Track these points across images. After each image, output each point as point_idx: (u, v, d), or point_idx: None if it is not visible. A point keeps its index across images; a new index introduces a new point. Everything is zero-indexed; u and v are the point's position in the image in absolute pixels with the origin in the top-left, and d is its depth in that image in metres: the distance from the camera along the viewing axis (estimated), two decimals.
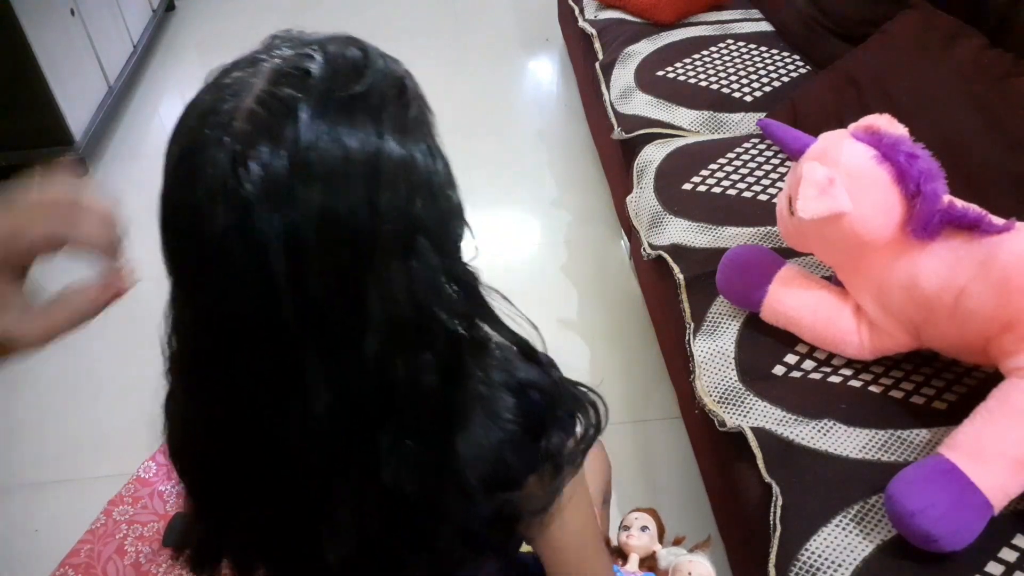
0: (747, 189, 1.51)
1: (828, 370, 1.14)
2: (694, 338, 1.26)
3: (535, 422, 0.58)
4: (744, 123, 1.73)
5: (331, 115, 0.45)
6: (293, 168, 0.44)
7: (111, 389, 1.78)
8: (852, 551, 0.93)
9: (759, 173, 1.54)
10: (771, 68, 1.86)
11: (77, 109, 2.33)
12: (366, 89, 0.48)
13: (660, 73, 1.87)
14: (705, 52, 1.91)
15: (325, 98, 0.46)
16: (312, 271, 0.45)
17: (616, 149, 1.84)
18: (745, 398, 1.14)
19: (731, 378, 1.18)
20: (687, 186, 1.54)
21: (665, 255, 1.42)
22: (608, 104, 1.87)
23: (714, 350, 1.22)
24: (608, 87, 1.91)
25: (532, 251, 2.12)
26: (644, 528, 1.26)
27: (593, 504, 0.69)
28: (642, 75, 1.88)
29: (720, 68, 1.86)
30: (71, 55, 2.35)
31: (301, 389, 0.48)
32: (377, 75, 0.49)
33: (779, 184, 1.50)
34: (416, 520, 0.55)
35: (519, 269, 2.03)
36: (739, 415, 1.12)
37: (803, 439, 1.05)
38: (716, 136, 1.70)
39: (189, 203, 0.46)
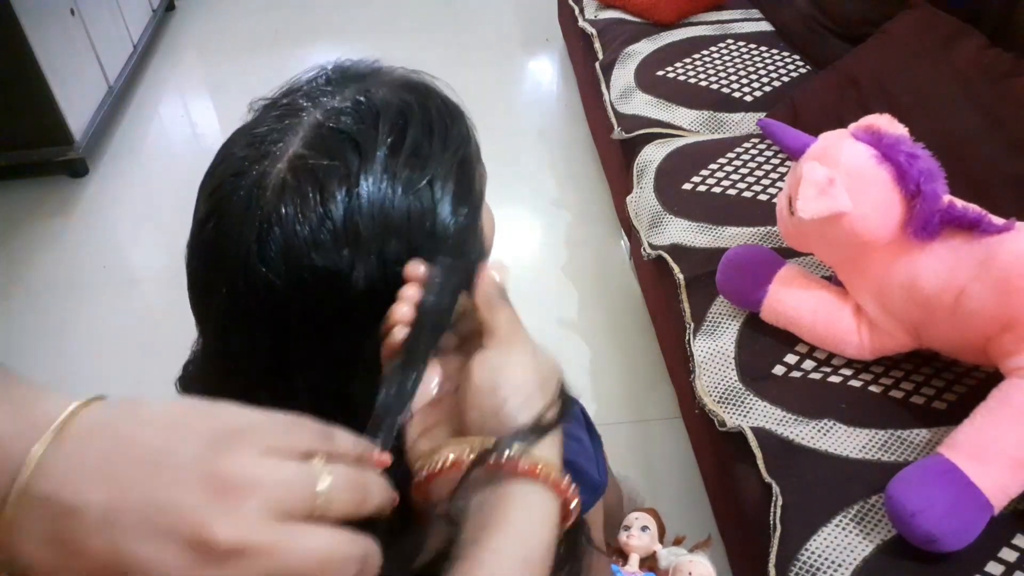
0: (747, 189, 1.51)
1: (828, 370, 1.14)
2: (694, 338, 1.26)
3: None
4: (744, 123, 1.73)
5: (374, 188, 0.45)
6: (312, 244, 0.44)
7: (111, 389, 1.77)
8: (852, 551, 0.93)
9: (759, 173, 1.54)
10: (771, 68, 1.86)
11: (77, 109, 2.33)
12: (417, 156, 0.47)
13: (660, 73, 1.87)
14: (705, 52, 1.91)
15: (364, 170, 0.45)
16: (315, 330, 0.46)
17: (616, 149, 1.84)
18: (745, 398, 1.14)
19: (731, 378, 1.18)
20: (687, 186, 1.54)
21: (665, 255, 1.42)
22: (608, 104, 1.87)
23: (714, 350, 1.22)
24: (608, 87, 1.91)
25: (532, 251, 2.12)
26: (644, 528, 1.26)
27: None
28: (642, 75, 1.88)
29: (720, 68, 1.86)
30: (71, 55, 2.35)
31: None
32: (433, 136, 0.49)
33: (779, 184, 1.50)
34: None
35: (519, 269, 2.03)
36: (739, 415, 1.12)
37: (803, 439, 1.05)
38: (716, 136, 1.70)
39: (213, 262, 0.46)
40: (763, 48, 1.92)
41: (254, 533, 0.28)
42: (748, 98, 1.78)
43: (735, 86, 1.81)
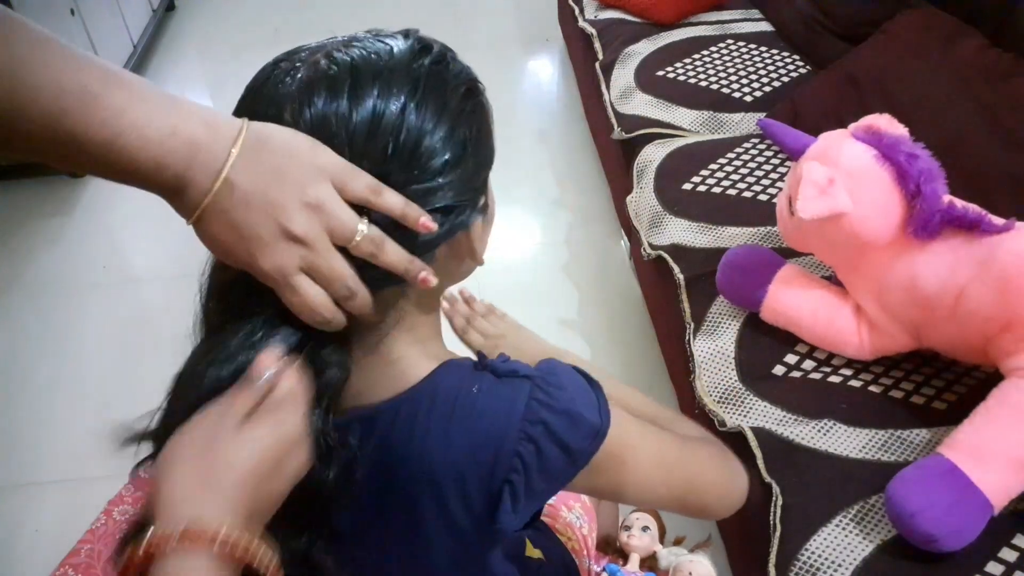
0: (747, 189, 1.51)
1: (828, 370, 1.14)
2: (694, 338, 1.26)
3: None
4: (744, 123, 1.73)
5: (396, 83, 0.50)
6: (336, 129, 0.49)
7: (111, 389, 1.78)
8: (852, 551, 0.93)
9: (759, 173, 1.54)
10: (771, 68, 1.86)
11: None
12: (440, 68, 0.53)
13: (660, 73, 1.87)
14: (705, 52, 1.91)
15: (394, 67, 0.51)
16: None
17: (616, 149, 1.84)
18: (745, 398, 1.14)
19: (731, 378, 1.18)
20: (687, 186, 1.54)
21: (665, 255, 1.42)
22: (608, 104, 1.87)
23: (714, 350, 1.22)
24: (608, 87, 1.91)
25: (532, 251, 2.12)
26: (645, 528, 1.25)
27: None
28: (642, 75, 1.88)
29: (720, 68, 1.86)
30: None
31: None
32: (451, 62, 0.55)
33: (779, 184, 1.50)
34: None
35: (519, 269, 2.03)
36: (739, 415, 1.12)
37: (803, 439, 1.05)
38: (716, 136, 1.70)
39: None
40: (763, 48, 1.92)
41: (312, 233, 0.46)
42: (748, 98, 1.78)
43: (735, 86, 1.81)
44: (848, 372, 1.13)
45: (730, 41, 1.95)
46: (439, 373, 0.57)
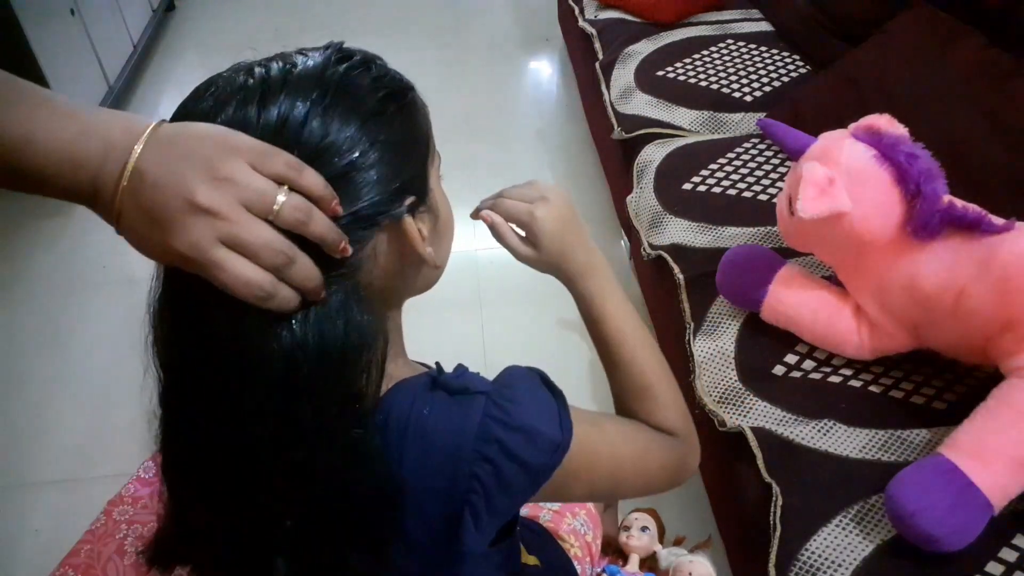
0: (747, 189, 1.51)
1: (828, 370, 1.14)
2: (694, 338, 1.26)
3: None
4: (744, 123, 1.73)
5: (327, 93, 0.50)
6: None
7: (111, 389, 1.78)
8: (852, 551, 0.93)
9: (759, 173, 1.54)
10: (771, 68, 1.86)
11: None
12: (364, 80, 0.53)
13: (660, 73, 1.87)
14: (705, 52, 1.91)
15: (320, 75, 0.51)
16: None
17: (616, 149, 1.84)
18: (745, 398, 1.14)
19: (731, 378, 1.18)
20: (687, 186, 1.54)
21: (665, 255, 1.42)
22: (608, 104, 1.87)
23: (714, 350, 1.22)
24: (608, 87, 1.91)
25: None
26: (644, 528, 1.26)
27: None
28: (642, 75, 1.88)
29: (720, 68, 1.86)
30: (71, 55, 2.35)
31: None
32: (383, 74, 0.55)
33: (779, 184, 1.50)
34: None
35: (519, 269, 2.02)
36: (739, 415, 1.12)
37: (803, 439, 1.05)
38: (716, 136, 1.70)
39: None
40: (763, 48, 1.92)
41: (224, 204, 0.45)
42: (748, 98, 1.78)
43: (735, 86, 1.81)
44: (848, 372, 1.13)
45: (730, 41, 1.95)
46: (390, 396, 0.55)
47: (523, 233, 0.72)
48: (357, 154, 0.50)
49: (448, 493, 0.53)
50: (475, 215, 0.73)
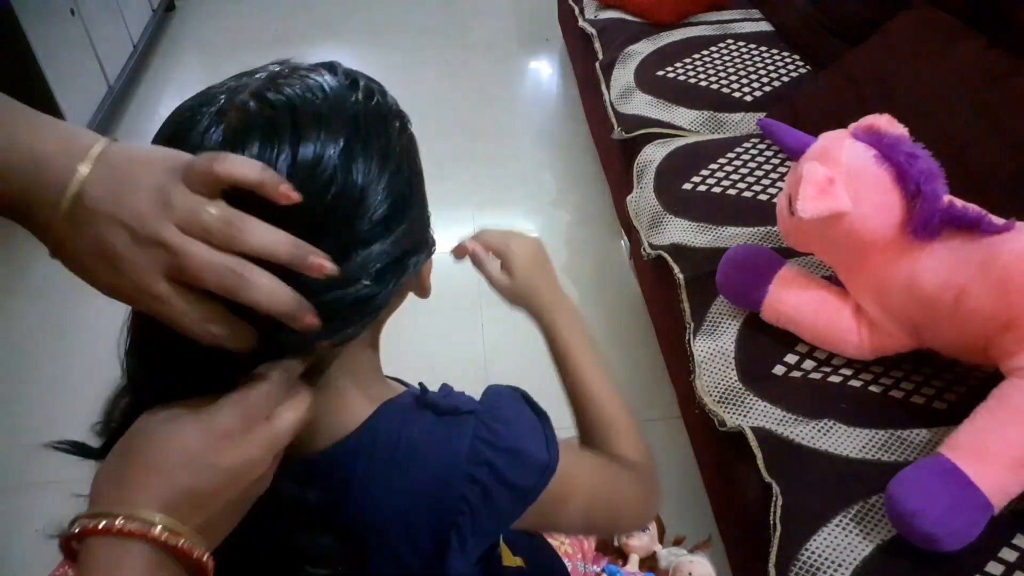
0: (747, 189, 1.51)
1: (828, 370, 1.14)
2: (694, 338, 1.26)
3: None
4: (744, 123, 1.73)
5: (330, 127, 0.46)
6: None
7: (111, 388, 1.78)
8: (852, 551, 0.93)
9: (759, 173, 1.54)
10: (771, 68, 1.86)
11: (77, 109, 2.33)
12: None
13: (660, 73, 1.87)
14: (705, 52, 1.91)
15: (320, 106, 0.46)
16: None
17: (616, 149, 1.84)
18: (745, 398, 1.14)
19: (731, 378, 1.18)
20: (687, 186, 1.54)
21: (665, 255, 1.42)
22: (608, 104, 1.87)
23: (714, 350, 1.22)
24: (608, 87, 1.91)
25: None
26: (644, 528, 1.25)
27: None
28: (642, 75, 1.88)
29: (720, 68, 1.86)
30: (71, 55, 2.35)
31: None
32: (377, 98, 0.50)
33: (779, 184, 1.50)
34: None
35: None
36: (739, 415, 1.12)
37: (803, 439, 1.05)
38: (716, 136, 1.70)
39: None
40: (763, 48, 1.92)
41: (164, 232, 0.41)
42: (748, 98, 1.78)
43: (735, 86, 1.81)
44: (848, 372, 1.13)
45: (730, 41, 1.95)
46: (377, 417, 0.54)
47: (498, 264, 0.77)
48: (391, 202, 0.48)
49: (437, 516, 0.52)
50: (456, 251, 0.78)
